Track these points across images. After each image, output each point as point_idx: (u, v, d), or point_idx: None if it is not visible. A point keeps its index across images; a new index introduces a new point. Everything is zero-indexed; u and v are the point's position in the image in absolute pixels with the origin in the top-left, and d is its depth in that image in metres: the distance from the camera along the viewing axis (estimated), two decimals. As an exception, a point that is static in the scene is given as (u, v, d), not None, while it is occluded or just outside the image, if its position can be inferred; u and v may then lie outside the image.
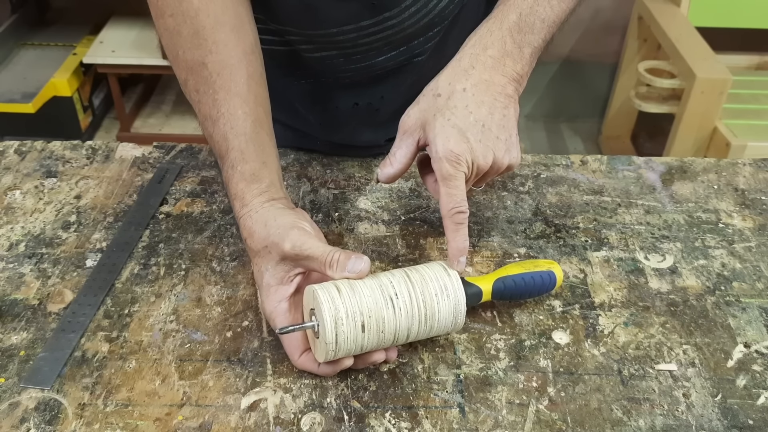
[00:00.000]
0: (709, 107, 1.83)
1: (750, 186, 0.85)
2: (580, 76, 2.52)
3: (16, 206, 0.80)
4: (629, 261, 0.74)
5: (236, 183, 0.63)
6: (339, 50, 0.76)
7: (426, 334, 0.60)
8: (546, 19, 0.66)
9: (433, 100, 0.63)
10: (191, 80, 0.65)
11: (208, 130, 0.65)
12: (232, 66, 0.64)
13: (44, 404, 0.59)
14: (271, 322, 0.61)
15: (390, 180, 0.66)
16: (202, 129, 0.66)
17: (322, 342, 0.57)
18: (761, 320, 0.68)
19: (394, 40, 0.75)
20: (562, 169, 0.87)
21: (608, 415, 0.59)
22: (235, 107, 0.64)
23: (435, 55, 0.80)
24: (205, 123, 0.65)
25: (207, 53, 0.64)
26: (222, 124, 0.64)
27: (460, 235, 0.61)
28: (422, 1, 0.72)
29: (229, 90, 0.64)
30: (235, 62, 0.65)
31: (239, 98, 0.64)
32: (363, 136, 0.87)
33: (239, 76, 0.65)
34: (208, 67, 0.64)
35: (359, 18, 0.72)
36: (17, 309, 0.67)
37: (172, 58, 0.66)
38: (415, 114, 0.64)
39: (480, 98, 0.62)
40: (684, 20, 2.06)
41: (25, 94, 2.22)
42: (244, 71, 0.65)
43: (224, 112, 0.64)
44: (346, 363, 0.59)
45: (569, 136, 2.60)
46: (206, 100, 0.64)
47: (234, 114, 0.64)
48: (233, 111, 0.64)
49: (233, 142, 0.64)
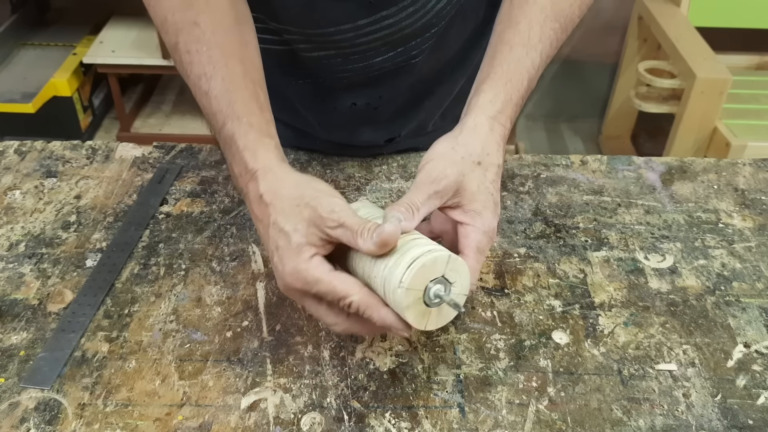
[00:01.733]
0: (709, 107, 1.83)
1: (750, 186, 0.85)
2: (580, 76, 2.52)
3: (16, 206, 0.80)
4: (629, 261, 0.74)
5: (245, 134, 0.59)
6: (337, 50, 0.76)
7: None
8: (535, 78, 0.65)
9: (473, 167, 0.58)
10: (182, 40, 0.61)
11: (203, 88, 0.61)
12: (227, 28, 0.62)
13: (44, 404, 0.59)
14: (303, 278, 0.54)
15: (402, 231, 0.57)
16: (194, 89, 0.62)
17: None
18: (761, 320, 0.68)
19: (392, 41, 0.75)
20: (562, 169, 0.87)
21: (608, 415, 0.59)
22: (233, 65, 0.61)
23: (432, 55, 0.80)
24: (199, 81, 0.61)
25: (199, 13, 0.61)
26: (220, 79, 0.60)
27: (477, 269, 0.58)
28: (420, 2, 0.72)
29: (224, 49, 0.61)
30: (229, 26, 0.63)
31: (236, 58, 0.62)
32: (362, 136, 0.87)
33: (234, 38, 0.62)
34: (201, 26, 0.61)
35: (356, 17, 0.72)
36: (17, 309, 0.67)
37: (160, 23, 0.63)
38: (453, 176, 0.58)
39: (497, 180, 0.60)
40: (684, 20, 2.06)
41: (25, 94, 2.22)
42: (238, 36, 0.63)
43: (221, 68, 0.60)
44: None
45: (569, 136, 2.60)
46: (200, 59, 0.61)
47: (233, 70, 0.61)
48: (231, 67, 0.61)
49: (236, 94, 0.60)
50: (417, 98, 0.86)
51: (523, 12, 0.65)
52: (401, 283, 0.52)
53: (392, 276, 0.52)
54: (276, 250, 0.56)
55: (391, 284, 0.52)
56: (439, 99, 0.88)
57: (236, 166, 0.59)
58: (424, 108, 0.88)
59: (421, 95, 0.86)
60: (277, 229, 0.56)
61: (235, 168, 0.59)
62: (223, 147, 0.61)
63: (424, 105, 0.88)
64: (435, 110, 0.90)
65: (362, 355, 0.63)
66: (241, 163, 0.58)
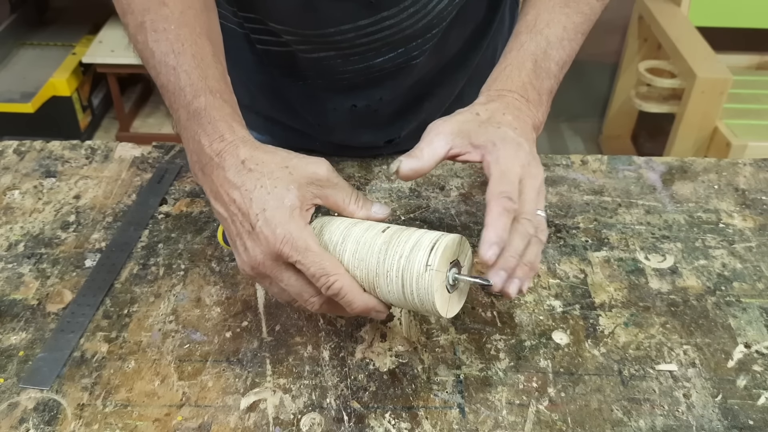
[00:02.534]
0: (710, 107, 1.83)
1: (750, 186, 0.85)
2: (580, 76, 2.52)
3: (15, 206, 0.80)
4: (629, 261, 0.74)
5: (220, 107, 0.58)
6: (337, 51, 0.76)
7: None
8: (559, 60, 0.65)
9: (474, 117, 0.60)
10: (149, 19, 0.60)
11: (170, 63, 0.59)
12: (196, 10, 0.61)
13: (43, 404, 0.59)
14: (293, 242, 0.53)
15: (412, 175, 0.59)
16: (159, 66, 0.59)
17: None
18: (762, 320, 0.68)
19: (393, 41, 0.75)
20: (563, 169, 0.87)
21: (608, 416, 0.59)
22: (203, 44, 0.60)
23: (433, 56, 0.80)
24: (166, 58, 0.59)
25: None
26: (190, 56, 0.59)
27: (501, 222, 0.54)
28: (421, 2, 0.72)
29: (194, 29, 0.60)
30: (198, 9, 0.62)
31: (205, 38, 0.60)
32: (362, 138, 0.87)
33: (202, 21, 0.61)
34: (169, 6, 0.60)
35: (357, 17, 0.72)
36: (16, 309, 0.67)
37: (126, 3, 0.61)
38: (452, 123, 0.60)
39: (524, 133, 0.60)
40: (684, 20, 2.06)
41: (25, 93, 2.22)
42: (206, 19, 0.62)
43: (190, 46, 0.59)
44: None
45: (569, 136, 2.60)
46: (167, 36, 0.59)
47: (203, 48, 0.59)
48: (201, 46, 0.59)
49: (208, 71, 0.59)
50: (417, 99, 0.86)
51: (532, 3, 0.67)
52: (429, 266, 0.52)
53: (413, 263, 0.53)
54: (262, 213, 0.54)
55: (415, 270, 0.52)
56: (439, 100, 0.88)
57: (206, 138, 0.57)
58: (425, 109, 0.88)
59: (421, 96, 0.86)
60: (265, 192, 0.54)
61: (204, 139, 0.57)
62: (187, 120, 0.58)
63: (424, 106, 0.87)
64: (435, 111, 0.90)
65: (362, 356, 0.63)
66: (215, 133, 0.57)
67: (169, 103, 0.60)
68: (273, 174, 0.55)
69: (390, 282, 0.54)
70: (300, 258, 0.53)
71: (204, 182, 0.58)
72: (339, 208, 0.58)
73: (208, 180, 0.57)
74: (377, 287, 0.55)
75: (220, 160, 0.56)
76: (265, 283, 0.57)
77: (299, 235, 0.53)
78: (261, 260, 0.54)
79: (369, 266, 0.55)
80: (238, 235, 0.55)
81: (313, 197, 0.56)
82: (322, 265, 0.53)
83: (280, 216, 0.53)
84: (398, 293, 0.54)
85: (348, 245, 0.55)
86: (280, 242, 0.53)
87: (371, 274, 0.55)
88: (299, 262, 0.53)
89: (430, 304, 0.53)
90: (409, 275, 0.53)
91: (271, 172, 0.55)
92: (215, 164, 0.56)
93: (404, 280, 0.53)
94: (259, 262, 0.54)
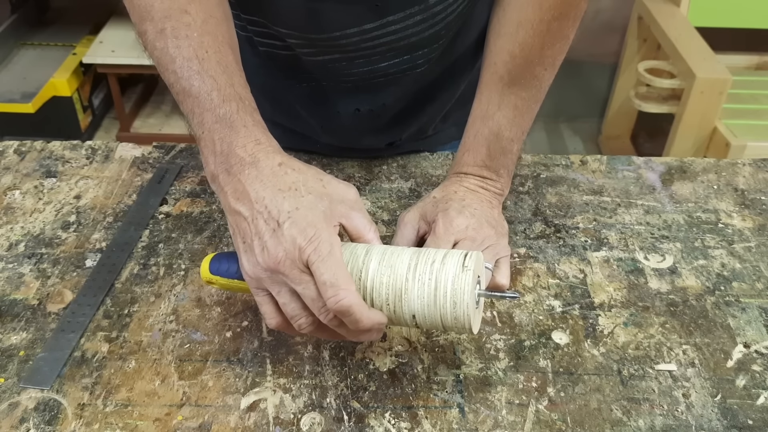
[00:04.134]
0: (709, 107, 1.83)
1: (750, 186, 0.85)
2: (580, 76, 2.52)
3: (15, 206, 0.80)
4: (629, 261, 0.74)
5: (252, 113, 0.58)
6: (342, 54, 0.76)
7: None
8: (514, 137, 0.71)
9: (432, 200, 0.69)
10: (170, 26, 0.60)
11: (194, 68, 0.58)
12: (218, 19, 0.61)
13: (44, 404, 0.59)
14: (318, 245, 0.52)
15: None
16: (181, 71, 0.59)
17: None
18: (761, 320, 0.68)
19: (398, 47, 0.75)
20: (562, 169, 0.87)
21: (608, 416, 0.59)
22: (227, 52, 0.60)
23: (438, 63, 0.80)
24: (190, 63, 0.59)
25: (189, 2, 0.60)
26: (215, 62, 0.59)
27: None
28: (428, 12, 0.72)
29: (217, 37, 0.60)
30: (220, 18, 0.62)
31: (227, 46, 0.61)
32: (364, 141, 0.87)
33: (224, 30, 0.62)
34: (191, 14, 0.60)
35: (362, 21, 0.72)
36: (17, 309, 0.67)
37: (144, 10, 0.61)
38: (413, 211, 0.68)
39: (474, 202, 0.69)
40: (684, 20, 2.06)
41: (25, 94, 2.22)
42: (227, 29, 0.62)
43: (215, 53, 0.59)
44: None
45: (569, 136, 2.60)
46: (190, 43, 0.59)
47: (227, 57, 0.60)
48: (225, 54, 0.60)
49: (234, 78, 0.59)
50: (420, 103, 0.86)
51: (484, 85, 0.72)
52: (466, 267, 0.53)
53: (448, 265, 0.53)
54: (294, 212, 0.53)
55: (451, 272, 0.53)
56: (441, 104, 0.88)
57: (240, 140, 0.57)
58: (426, 113, 0.88)
59: (423, 100, 0.86)
60: (299, 195, 0.54)
61: (237, 141, 0.57)
62: (215, 123, 0.58)
63: (426, 110, 0.87)
64: (436, 114, 0.90)
65: (362, 356, 0.63)
66: (250, 136, 0.57)
67: (189, 108, 0.59)
68: (308, 182, 0.55)
69: (422, 285, 0.53)
70: (319, 262, 0.52)
71: (227, 183, 0.57)
72: (359, 233, 0.57)
73: (234, 180, 0.56)
74: (405, 293, 0.53)
75: (253, 161, 0.56)
76: (274, 289, 0.55)
77: (327, 239, 0.52)
78: (282, 258, 0.52)
79: (398, 272, 0.54)
80: (257, 234, 0.54)
81: (340, 216, 0.56)
82: (337, 274, 0.52)
83: (312, 217, 0.53)
84: (429, 298, 0.53)
85: (373, 255, 0.55)
86: (306, 241, 0.52)
87: (400, 280, 0.53)
88: (315, 264, 0.52)
89: (464, 305, 0.52)
90: (444, 277, 0.53)
91: (306, 181, 0.55)
92: (247, 164, 0.56)
93: (437, 282, 0.53)
94: (279, 260, 0.52)
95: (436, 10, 0.72)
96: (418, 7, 0.71)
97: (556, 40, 0.70)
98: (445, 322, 0.54)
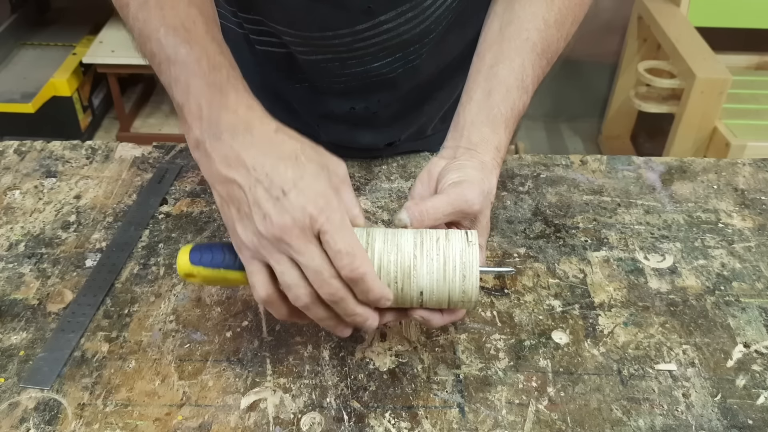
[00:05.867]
0: (709, 107, 1.83)
1: (750, 186, 0.85)
2: (580, 76, 2.52)
3: (15, 206, 0.80)
4: (629, 261, 0.74)
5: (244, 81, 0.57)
6: (334, 54, 0.76)
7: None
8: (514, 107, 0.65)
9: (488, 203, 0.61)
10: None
11: (180, 36, 0.57)
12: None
13: (44, 404, 0.59)
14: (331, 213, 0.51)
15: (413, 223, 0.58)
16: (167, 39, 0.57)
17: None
18: (761, 320, 0.68)
19: (390, 46, 0.75)
20: (562, 169, 0.87)
21: (608, 415, 0.59)
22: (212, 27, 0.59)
23: (432, 61, 0.80)
24: (176, 32, 0.57)
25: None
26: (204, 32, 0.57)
27: None
28: (419, 8, 0.72)
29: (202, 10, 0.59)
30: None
31: (213, 22, 0.60)
32: (362, 140, 0.87)
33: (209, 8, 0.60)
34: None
35: (355, 22, 0.72)
36: (17, 309, 0.67)
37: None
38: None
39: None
40: (684, 20, 2.06)
41: (25, 93, 2.22)
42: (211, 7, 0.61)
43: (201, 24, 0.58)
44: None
45: (569, 136, 2.60)
46: (177, 13, 0.57)
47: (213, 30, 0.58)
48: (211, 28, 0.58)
49: (223, 47, 0.58)
50: (417, 103, 0.86)
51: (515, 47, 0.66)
52: (471, 242, 0.54)
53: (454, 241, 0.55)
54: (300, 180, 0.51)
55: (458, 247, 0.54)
56: (439, 103, 0.88)
57: (232, 105, 0.55)
58: (425, 113, 0.88)
59: (421, 100, 0.86)
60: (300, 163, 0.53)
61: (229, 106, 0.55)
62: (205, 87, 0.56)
63: (424, 110, 0.88)
64: (435, 114, 0.90)
65: (362, 355, 0.63)
66: (243, 102, 0.55)
67: (174, 75, 0.57)
68: (306, 151, 0.54)
69: (431, 261, 0.54)
70: (332, 230, 0.51)
71: (215, 149, 0.54)
72: (347, 207, 0.55)
73: (224, 146, 0.53)
74: (414, 269, 0.54)
75: (247, 127, 0.54)
76: (274, 257, 0.52)
77: (338, 208, 0.51)
78: (289, 226, 0.50)
79: (405, 249, 0.54)
80: (256, 203, 0.51)
81: (335, 188, 0.54)
82: (353, 245, 0.51)
83: (319, 187, 0.52)
84: (438, 273, 0.54)
85: (376, 235, 0.55)
86: (318, 211, 0.50)
87: (408, 257, 0.54)
88: (329, 234, 0.50)
89: (473, 278, 0.54)
90: (452, 252, 0.54)
91: (305, 149, 0.54)
92: (240, 130, 0.53)
93: (446, 257, 0.54)
94: (286, 228, 0.50)
95: (426, 4, 0.72)
96: (408, 5, 0.71)
97: (579, 17, 0.68)
98: (453, 296, 0.55)
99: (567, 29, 0.68)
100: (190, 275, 0.57)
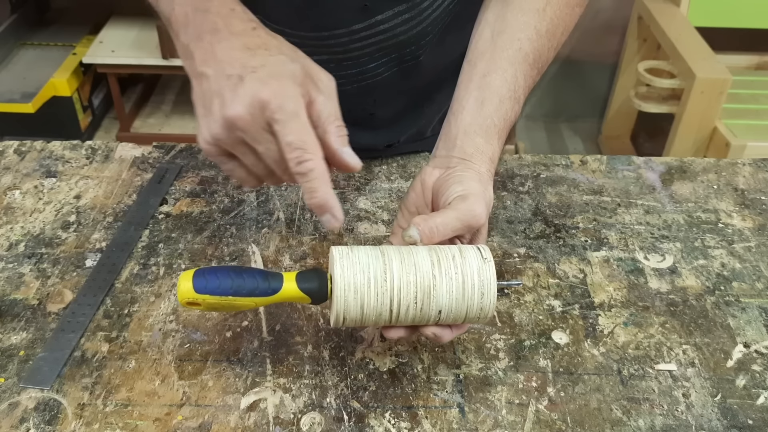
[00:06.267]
0: (709, 107, 1.83)
1: (750, 186, 0.85)
2: (580, 76, 2.52)
3: (15, 206, 0.80)
4: (629, 261, 0.74)
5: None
6: (330, 55, 0.76)
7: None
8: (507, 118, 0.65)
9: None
10: None
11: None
12: None
13: (44, 404, 0.59)
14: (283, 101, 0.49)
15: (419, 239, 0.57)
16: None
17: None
18: (761, 320, 0.68)
19: (385, 47, 0.75)
20: (562, 169, 0.87)
21: (608, 415, 0.59)
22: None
23: (429, 62, 0.80)
24: None
25: None
26: None
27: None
28: (416, 9, 0.72)
29: None
30: None
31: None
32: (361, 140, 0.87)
33: None
34: None
35: (351, 22, 0.72)
36: (17, 309, 0.67)
37: None
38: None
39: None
40: (684, 20, 2.06)
41: (25, 93, 2.22)
42: None
43: None
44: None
45: (569, 136, 2.60)
46: None
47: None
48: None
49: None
50: (416, 104, 0.86)
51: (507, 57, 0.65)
52: (486, 259, 0.55)
53: (469, 259, 0.54)
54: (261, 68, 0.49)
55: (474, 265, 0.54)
56: (438, 105, 0.88)
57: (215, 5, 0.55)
58: (424, 114, 0.88)
59: (419, 102, 0.86)
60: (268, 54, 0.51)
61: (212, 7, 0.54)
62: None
63: (423, 111, 0.87)
64: (434, 116, 0.90)
65: (362, 355, 0.63)
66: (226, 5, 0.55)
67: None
68: (281, 46, 0.52)
69: (450, 280, 0.54)
70: (284, 120, 0.48)
71: (196, 49, 0.53)
72: (321, 121, 0.52)
73: (203, 44, 0.53)
74: (433, 289, 0.53)
75: (226, 24, 0.53)
76: (238, 150, 0.51)
77: (293, 95, 0.49)
78: (241, 113, 0.49)
79: (423, 269, 0.54)
80: (218, 93, 0.50)
81: (307, 92, 0.51)
82: (304, 138, 0.48)
83: (279, 73, 0.49)
84: (458, 291, 0.54)
85: (392, 255, 0.54)
86: (270, 95, 0.48)
87: (427, 277, 0.54)
88: (280, 123, 0.48)
89: (491, 295, 0.54)
90: (470, 270, 0.54)
91: (281, 45, 0.52)
92: (220, 28, 0.53)
93: (464, 276, 0.54)
94: (238, 114, 0.49)
95: (423, 6, 0.72)
96: (405, 5, 0.71)
97: (570, 26, 0.68)
98: (471, 313, 0.55)
99: (558, 39, 0.68)
100: (193, 303, 0.53)
